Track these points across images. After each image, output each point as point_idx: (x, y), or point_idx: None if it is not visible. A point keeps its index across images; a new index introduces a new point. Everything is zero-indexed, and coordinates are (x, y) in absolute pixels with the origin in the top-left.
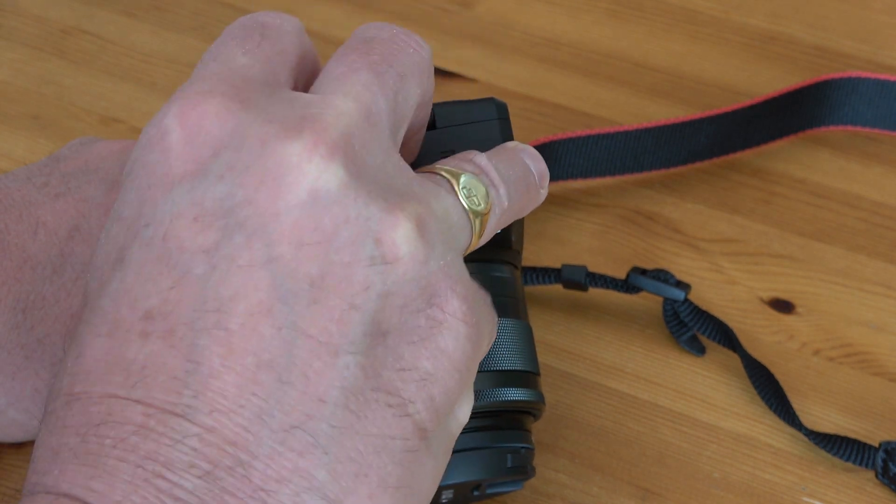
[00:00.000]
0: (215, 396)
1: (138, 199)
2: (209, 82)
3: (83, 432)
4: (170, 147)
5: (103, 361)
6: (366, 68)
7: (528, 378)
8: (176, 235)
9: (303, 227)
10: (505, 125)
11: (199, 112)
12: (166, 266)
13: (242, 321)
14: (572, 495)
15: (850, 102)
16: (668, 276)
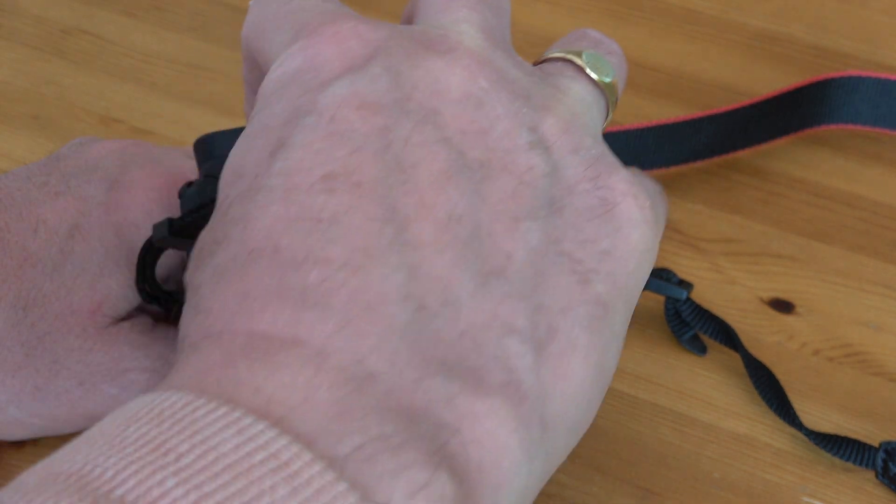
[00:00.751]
0: (418, 234)
1: (291, 104)
2: (331, 15)
3: (279, 275)
4: (321, 61)
5: (283, 220)
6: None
7: None
8: (345, 117)
9: (462, 119)
10: None
11: (340, 33)
12: (339, 140)
13: (430, 180)
14: (572, 495)
15: (850, 102)
16: (670, 274)
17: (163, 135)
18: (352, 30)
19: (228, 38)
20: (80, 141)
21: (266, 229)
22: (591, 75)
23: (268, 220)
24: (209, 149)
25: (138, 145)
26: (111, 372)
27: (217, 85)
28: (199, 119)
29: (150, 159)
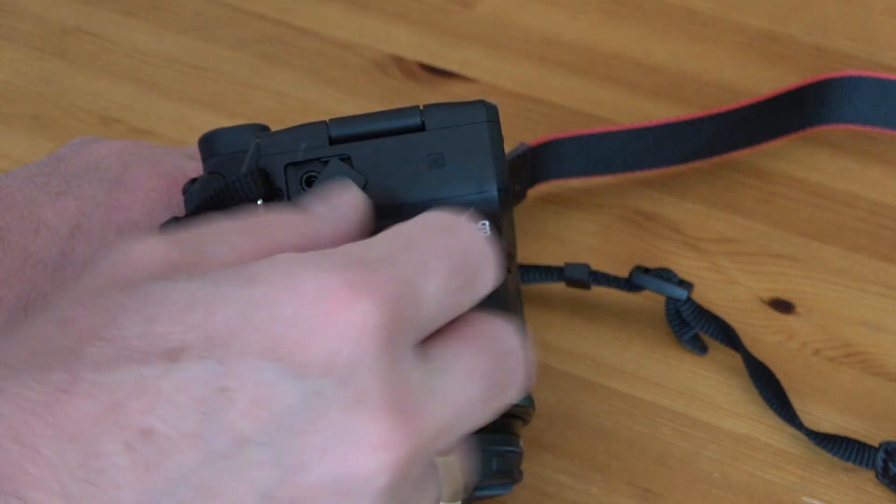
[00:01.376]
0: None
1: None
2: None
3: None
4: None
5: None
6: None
7: None
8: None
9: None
10: (494, 128)
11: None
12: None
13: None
14: (572, 495)
15: (850, 101)
16: (670, 274)
17: (163, 135)
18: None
19: (228, 38)
20: (81, 141)
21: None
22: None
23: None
24: (213, 145)
25: (139, 145)
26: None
27: (217, 85)
28: (199, 119)
29: (150, 159)
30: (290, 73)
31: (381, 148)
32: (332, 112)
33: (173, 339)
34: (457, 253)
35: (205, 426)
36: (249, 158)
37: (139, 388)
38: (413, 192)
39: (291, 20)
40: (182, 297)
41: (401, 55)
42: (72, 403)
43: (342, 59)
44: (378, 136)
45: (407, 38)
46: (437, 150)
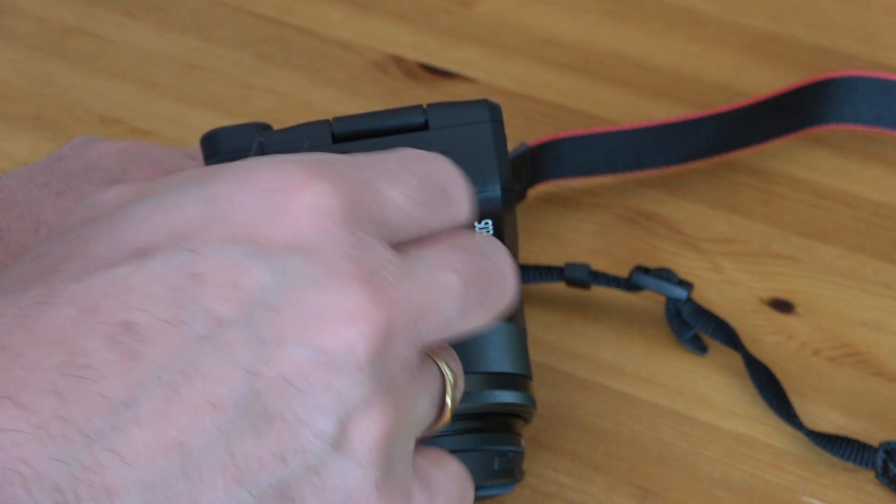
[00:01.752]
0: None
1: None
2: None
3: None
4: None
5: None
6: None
7: (518, 381)
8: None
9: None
10: (498, 127)
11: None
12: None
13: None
14: (572, 495)
15: (850, 101)
16: (670, 274)
17: (163, 135)
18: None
19: (228, 38)
20: (81, 141)
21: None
22: (447, 401)
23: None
24: (216, 144)
25: (138, 145)
26: None
27: (217, 85)
28: (199, 119)
29: (150, 160)
30: (290, 73)
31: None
32: (332, 112)
33: (139, 240)
34: (424, 171)
35: (181, 311)
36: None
37: (113, 287)
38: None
39: (291, 20)
40: (144, 208)
41: (401, 55)
42: (51, 311)
43: (342, 59)
44: (381, 134)
45: (407, 38)
46: (441, 149)
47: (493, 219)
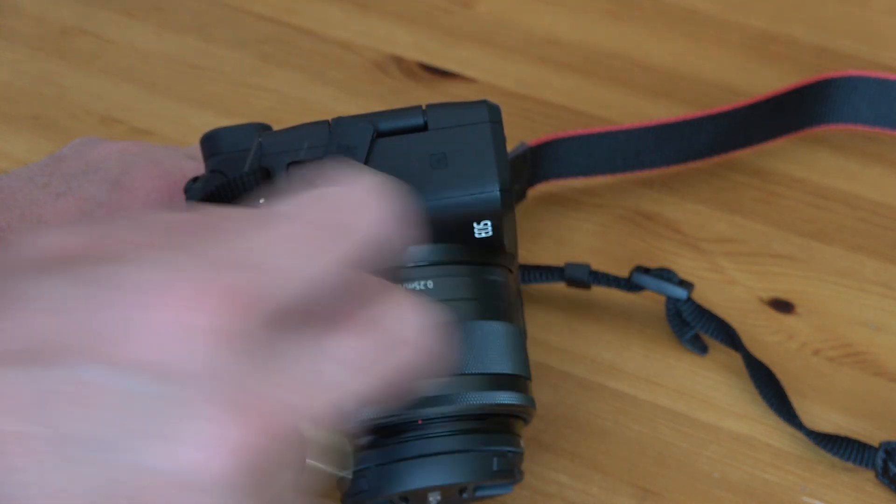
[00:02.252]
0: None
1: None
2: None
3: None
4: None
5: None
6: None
7: (517, 382)
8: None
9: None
10: (497, 128)
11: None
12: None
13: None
14: (572, 495)
15: (850, 101)
16: (671, 274)
17: (163, 135)
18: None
19: (228, 38)
20: (81, 141)
21: None
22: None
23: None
24: (216, 144)
25: (139, 146)
26: None
27: (217, 85)
28: (199, 119)
29: (150, 160)
30: (290, 73)
31: (383, 148)
32: (332, 112)
33: (3, 340)
34: (318, 218)
35: (29, 427)
36: (252, 157)
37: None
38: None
39: (291, 20)
40: (32, 296)
41: (401, 55)
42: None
43: (342, 59)
44: (381, 135)
45: (407, 38)
46: (440, 150)
47: (492, 219)
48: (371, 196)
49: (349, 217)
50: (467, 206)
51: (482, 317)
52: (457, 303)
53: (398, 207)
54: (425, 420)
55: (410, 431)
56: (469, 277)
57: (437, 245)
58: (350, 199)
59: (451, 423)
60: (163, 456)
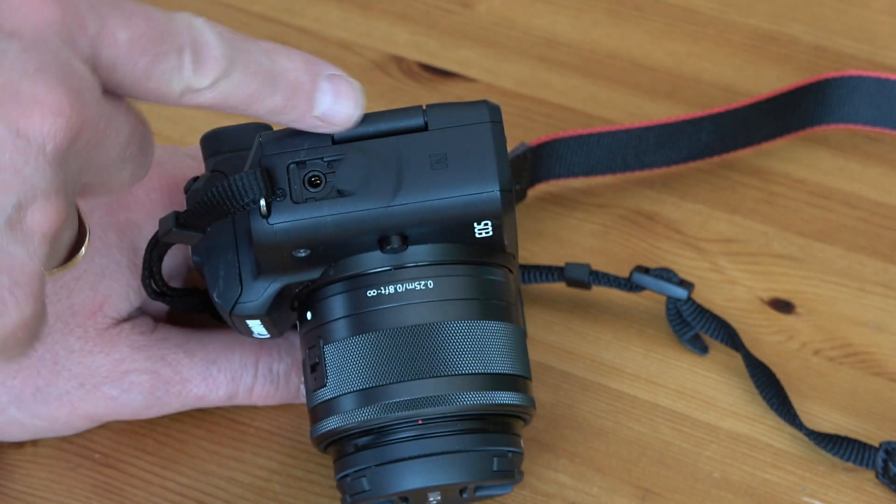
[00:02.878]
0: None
1: None
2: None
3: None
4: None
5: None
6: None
7: (517, 382)
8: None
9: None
10: (497, 128)
11: None
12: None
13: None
14: (572, 495)
15: (851, 101)
16: (671, 274)
17: (163, 135)
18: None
19: None
20: None
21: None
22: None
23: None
24: (216, 144)
25: None
26: (112, 374)
27: None
28: (199, 119)
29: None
30: None
31: (383, 148)
32: None
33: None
34: (166, 31)
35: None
36: (252, 157)
37: None
38: (416, 193)
39: (291, 20)
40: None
41: (401, 55)
42: None
43: (342, 59)
44: (381, 136)
45: (407, 38)
46: (440, 150)
47: (493, 220)
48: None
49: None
50: (468, 206)
51: (483, 317)
52: (457, 302)
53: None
54: (425, 420)
55: (411, 431)
56: (470, 277)
57: (438, 245)
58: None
59: (452, 422)
60: (13, 116)
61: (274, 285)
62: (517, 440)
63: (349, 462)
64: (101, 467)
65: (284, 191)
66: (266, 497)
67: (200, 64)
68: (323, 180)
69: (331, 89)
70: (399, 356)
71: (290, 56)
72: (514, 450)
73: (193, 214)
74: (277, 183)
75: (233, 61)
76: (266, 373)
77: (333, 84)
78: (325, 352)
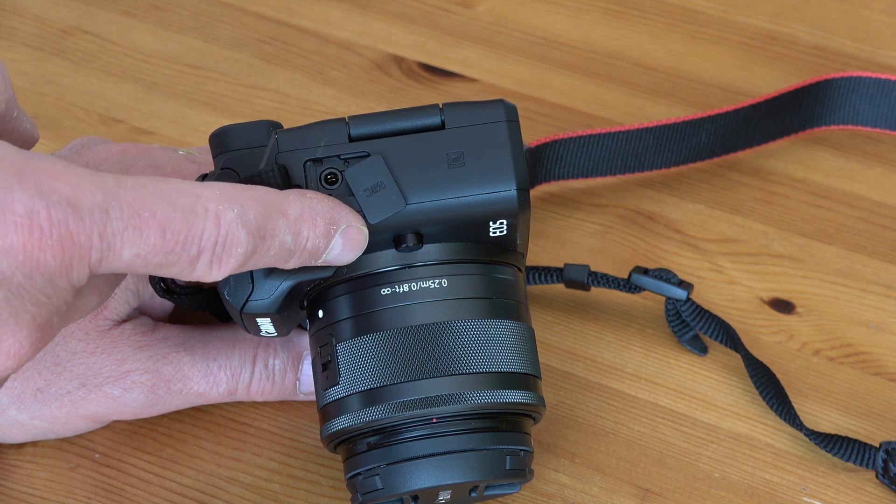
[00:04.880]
0: None
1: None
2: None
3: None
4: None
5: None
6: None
7: (528, 381)
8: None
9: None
10: (513, 127)
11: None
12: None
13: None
14: (572, 495)
15: (851, 102)
16: (670, 275)
17: (163, 135)
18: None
19: (228, 38)
20: (82, 142)
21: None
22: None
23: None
24: (226, 141)
25: (138, 148)
26: (113, 374)
27: (217, 85)
28: (199, 119)
29: (150, 163)
30: (290, 73)
31: (400, 146)
32: (332, 112)
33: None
34: (182, 238)
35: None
36: (269, 154)
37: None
38: (432, 191)
39: (291, 20)
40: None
41: (401, 55)
42: None
43: (342, 59)
44: (397, 134)
45: (407, 38)
46: (457, 148)
47: (508, 218)
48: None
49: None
50: (484, 205)
51: (495, 316)
52: (470, 301)
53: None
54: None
55: (423, 430)
56: (482, 276)
57: (453, 243)
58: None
59: (464, 421)
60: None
61: (285, 283)
62: (528, 439)
63: (361, 461)
64: (101, 467)
65: (301, 187)
66: (266, 497)
67: (218, 263)
68: (339, 178)
69: (341, 244)
70: (413, 355)
71: (315, 223)
72: (526, 448)
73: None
74: (294, 180)
75: (254, 251)
76: (262, 368)
77: (345, 238)
78: (337, 350)
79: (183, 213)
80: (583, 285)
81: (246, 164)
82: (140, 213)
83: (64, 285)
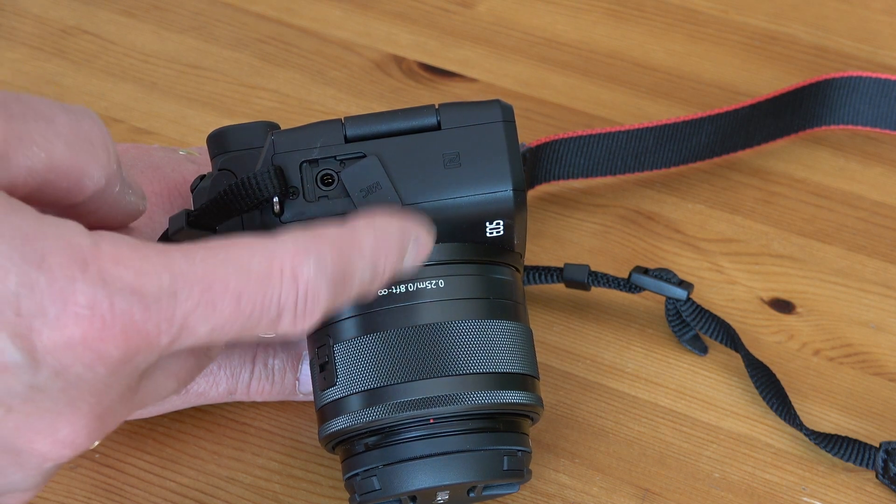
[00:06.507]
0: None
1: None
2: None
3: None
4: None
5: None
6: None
7: (526, 381)
8: None
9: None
10: (510, 127)
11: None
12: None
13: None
14: (572, 495)
15: (851, 102)
16: (670, 275)
17: (163, 135)
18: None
19: (228, 38)
20: None
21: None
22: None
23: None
24: (224, 142)
25: (139, 149)
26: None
27: (217, 85)
28: (199, 119)
29: (150, 164)
30: (290, 73)
31: (396, 147)
32: (332, 112)
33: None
34: (259, 303)
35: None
36: (265, 155)
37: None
38: (429, 192)
39: (291, 20)
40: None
41: (401, 55)
42: None
43: (342, 59)
44: (393, 135)
45: (407, 38)
46: (453, 149)
47: (505, 219)
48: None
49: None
50: (480, 205)
51: (493, 316)
52: (468, 302)
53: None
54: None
55: (421, 430)
56: (480, 277)
57: (448, 244)
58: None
59: (462, 422)
60: (25, 434)
61: None
62: (526, 439)
63: (358, 461)
64: (101, 467)
65: (297, 189)
66: (266, 497)
67: (302, 319)
68: (335, 179)
69: (413, 257)
70: (410, 355)
71: (389, 250)
72: (524, 449)
73: (205, 213)
74: (290, 181)
75: (336, 297)
76: (262, 368)
77: (416, 251)
78: (335, 351)
79: (258, 279)
80: (583, 285)
81: (243, 165)
82: (211, 286)
83: (129, 372)
